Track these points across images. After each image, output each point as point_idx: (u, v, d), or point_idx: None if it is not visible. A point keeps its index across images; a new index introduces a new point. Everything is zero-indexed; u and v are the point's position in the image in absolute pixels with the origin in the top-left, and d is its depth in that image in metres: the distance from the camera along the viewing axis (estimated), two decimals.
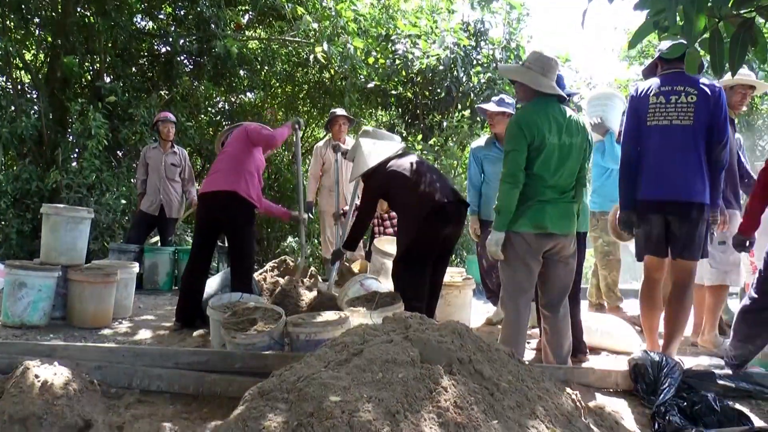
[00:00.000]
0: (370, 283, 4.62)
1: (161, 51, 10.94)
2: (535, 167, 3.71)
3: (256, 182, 5.05)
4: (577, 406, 2.63)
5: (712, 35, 2.47)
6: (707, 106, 3.93)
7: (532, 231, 3.72)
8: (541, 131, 3.67)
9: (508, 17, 10.81)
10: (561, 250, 3.84)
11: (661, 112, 4.07)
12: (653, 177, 4.11)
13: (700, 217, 3.96)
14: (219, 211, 4.89)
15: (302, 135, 14.29)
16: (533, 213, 3.71)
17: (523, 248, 3.76)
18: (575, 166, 3.83)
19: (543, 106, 3.77)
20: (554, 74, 3.85)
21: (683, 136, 3.98)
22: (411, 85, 10.58)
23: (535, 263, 3.80)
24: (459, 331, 2.62)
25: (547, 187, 3.72)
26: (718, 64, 2.51)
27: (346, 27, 9.51)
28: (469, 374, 2.39)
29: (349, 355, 2.48)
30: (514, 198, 3.70)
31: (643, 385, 3.63)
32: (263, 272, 5.48)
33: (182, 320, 4.96)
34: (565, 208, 3.80)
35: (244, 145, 5.08)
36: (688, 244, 4.00)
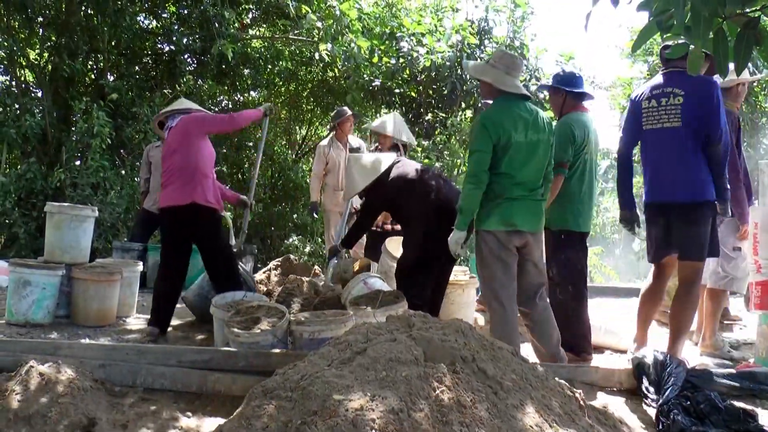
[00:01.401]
0: (374, 281, 4.62)
1: (165, 50, 10.96)
2: (503, 166, 3.74)
3: (210, 182, 4.80)
4: (580, 405, 2.63)
5: (716, 35, 2.46)
6: (694, 105, 3.94)
7: (503, 228, 3.76)
8: (506, 130, 3.70)
9: (512, 16, 10.80)
10: (530, 247, 3.89)
11: (653, 115, 4.11)
12: (653, 180, 4.18)
13: (701, 216, 3.95)
14: (184, 226, 4.72)
15: (306, 134, 14.34)
16: (502, 211, 3.76)
17: (496, 245, 3.80)
18: (543, 162, 3.87)
19: (508, 104, 3.81)
20: (518, 72, 3.89)
21: (674, 137, 4.02)
22: (415, 84, 10.57)
23: (510, 258, 3.84)
24: (463, 329, 2.62)
25: (516, 184, 3.75)
26: (723, 64, 2.50)
27: (351, 26, 9.51)
28: (473, 373, 2.39)
29: (352, 354, 2.48)
30: (476, 198, 3.75)
31: (646, 384, 3.61)
32: (266, 271, 5.49)
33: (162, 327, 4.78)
34: (534, 206, 3.85)
35: (188, 143, 4.73)
36: (689, 244, 4.00)
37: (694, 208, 3.96)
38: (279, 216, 12.24)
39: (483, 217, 3.83)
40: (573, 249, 4.33)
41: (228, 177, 12.85)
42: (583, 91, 4.47)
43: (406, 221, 4.65)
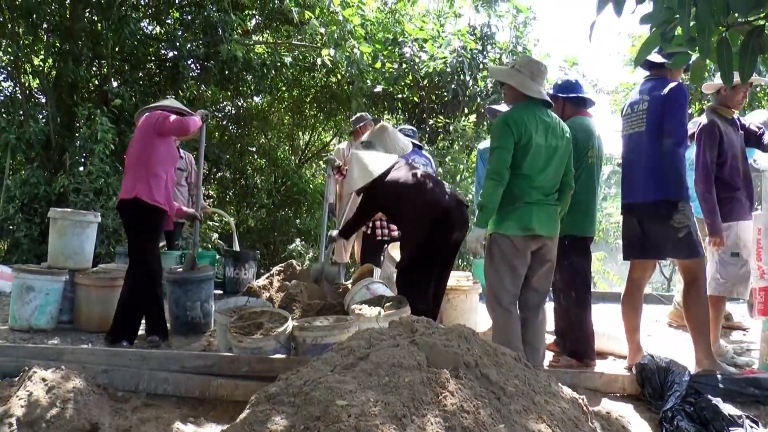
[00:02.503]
0: (376, 287, 4.62)
1: (168, 56, 10.99)
2: (523, 167, 3.74)
3: (163, 183, 4.74)
4: (583, 410, 2.62)
5: (719, 44, 2.46)
6: (656, 109, 4.01)
7: (520, 233, 3.75)
8: (528, 130, 3.71)
9: (514, 21, 10.82)
10: (545, 252, 3.89)
11: (628, 121, 4.25)
12: (623, 183, 4.31)
13: (666, 213, 3.97)
14: (125, 218, 4.75)
15: (309, 139, 14.37)
16: (520, 215, 3.75)
17: (510, 250, 3.79)
18: (560, 168, 3.89)
19: (531, 108, 3.82)
20: (543, 79, 3.92)
21: (638, 141, 4.14)
22: (417, 89, 10.59)
23: (521, 265, 3.83)
24: (465, 335, 2.61)
25: (534, 188, 3.76)
26: (728, 73, 2.50)
27: (353, 32, 9.54)
28: (476, 378, 2.39)
29: (355, 359, 2.48)
30: (498, 195, 3.73)
31: (649, 390, 3.62)
32: (269, 276, 5.48)
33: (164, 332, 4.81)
34: (551, 210, 3.85)
35: (149, 140, 4.74)
36: (663, 242, 4.04)
37: (659, 206, 4.01)
38: (282, 221, 12.26)
39: (499, 221, 3.81)
40: (577, 255, 4.33)
41: (231, 182, 12.89)
42: (581, 96, 4.49)
43: (401, 224, 4.67)
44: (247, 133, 12.88)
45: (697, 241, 4.04)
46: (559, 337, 4.48)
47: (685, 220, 3.97)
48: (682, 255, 4.07)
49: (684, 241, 3.98)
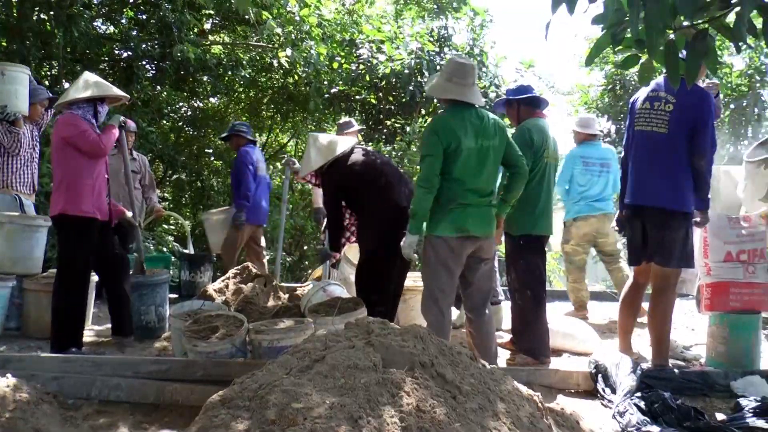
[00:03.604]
0: (333, 289, 4.61)
1: (122, 56, 10.78)
2: (454, 172, 3.76)
3: (90, 190, 4.47)
4: (539, 407, 2.65)
5: (667, 47, 2.53)
6: (683, 115, 3.91)
7: (454, 234, 3.77)
8: (456, 136, 3.71)
9: (471, 23, 10.90)
10: (482, 253, 3.91)
11: (645, 117, 4.09)
12: (632, 182, 4.18)
13: (675, 224, 3.96)
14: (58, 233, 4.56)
15: (266, 141, 14.26)
16: (454, 217, 3.76)
17: (445, 252, 3.81)
18: (495, 168, 3.91)
19: (458, 111, 3.82)
20: (466, 78, 3.85)
21: (659, 143, 4.00)
22: (375, 90, 10.60)
23: (456, 267, 3.86)
24: (421, 335, 2.63)
25: (467, 190, 3.77)
26: (674, 75, 2.57)
27: (310, 32, 9.50)
28: (432, 378, 2.40)
29: (311, 362, 2.47)
30: (428, 202, 3.76)
31: (603, 386, 3.70)
32: (225, 279, 5.42)
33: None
34: (486, 212, 3.87)
35: (67, 150, 4.43)
36: (659, 249, 4.02)
37: (669, 215, 3.97)
38: None
39: (434, 223, 3.83)
40: (532, 253, 4.39)
41: (187, 185, 12.70)
42: (535, 96, 4.56)
43: (361, 211, 4.62)
44: (203, 135, 12.72)
45: (692, 251, 4.10)
46: (515, 336, 4.52)
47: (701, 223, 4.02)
48: (670, 263, 4.03)
49: (678, 249, 4.00)
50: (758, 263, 4.36)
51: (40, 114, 5.88)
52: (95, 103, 4.58)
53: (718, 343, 4.29)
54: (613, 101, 11.02)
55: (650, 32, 2.39)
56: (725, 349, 4.25)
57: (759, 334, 4.39)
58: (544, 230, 4.43)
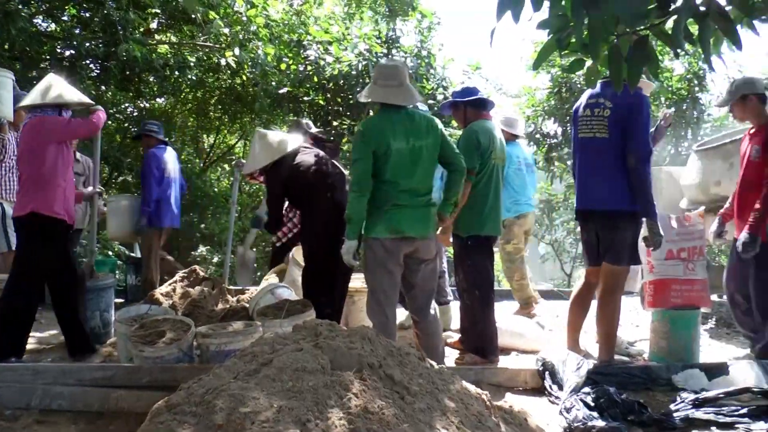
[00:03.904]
0: (281, 291, 4.59)
1: (65, 54, 10.48)
2: (386, 173, 3.78)
3: (62, 192, 4.46)
4: (487, 405, 2.69)
5: (610, 52, 2.58)
6: (620, 118, 3.98)
7: (389, 236, 3.78)
8: (384, 138, 3.73)
9: (419, 25, 10.95)
10: (421, 254, 3.91)
11: (587, 123, 4.17)
12: (580, 188, 4.30)
13: (623, 224, 4.04)
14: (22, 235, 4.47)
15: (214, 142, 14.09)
16: (389, 218, 3.78)
17: (382, 253, 3.82)
18: (429, 168, 3.91)
19: (387, 113, 3.84)
20: (392, 79, 3.86)
21: (601, 148, 4.07)
22: (323, 92, 10.56)
23: (396, 268, 3.86)
24: (369, 336, 2.63)
25: (401, 192, 3.78)
26: (617, 79, 2.63)
27: (258, 33, 9.41)
28: (380, 379, 2.41)
29: (258, 365, 2.45)
30: (361, 206, 3.77)
31: (550, 383, 3.77)
32: (172, 283, 5.34)
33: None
34: (422, 212, 3.87)
35: (42, 148, 4.38)
36: (610, 249, 4.10)
37: (617, 216, 4.05)
38: (186, 226, 11.95)
39: (370, 225, 3.85)
40: (480, 254, 4.43)
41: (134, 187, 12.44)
42: (482, 99, 4.60)
43: (306, 211, 4.62)
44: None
45: (638, 248, 4.17)
46: (464, 335, 4.57)
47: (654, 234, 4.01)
48: (618, 262, 4.11)
49: (626, 248, 4.08)
50: (697, 260, 4.51)
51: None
52: (60, 108, 4.53)
53: (661, 339, 4.41)
54: (559, 104, 11.19)
55: (593, 38, 2.44)
56: (667, 344, 4.37)
57: (698, 329, 4.54)
58: (492, 231, 4.48)
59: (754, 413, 3.33)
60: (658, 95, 11.23)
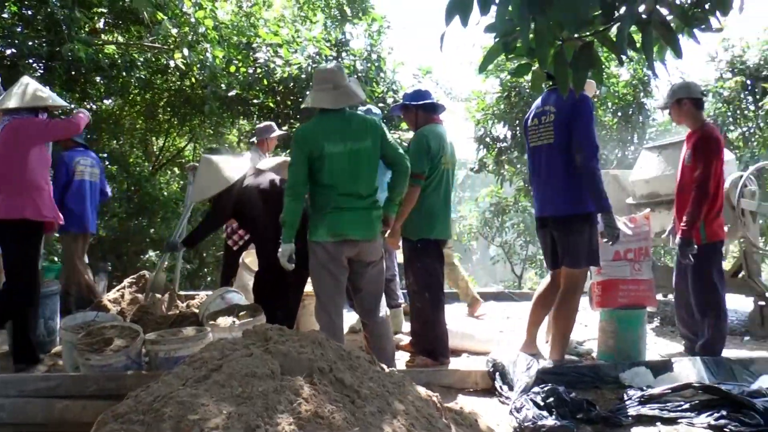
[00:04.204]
0: (231, 296, 4.54)
1: (6, 53, 10.17)
2: (324, 178, 3.79)
3: (46, 194, 4.48)
4: (437, 407, 2.70)
5: (556, 56, 2.63)
6: (564, 122, 4.06)
7: (331, 239, 3.79)
8: (317, 143, 3.74)
9: (369, 29, 10.97)
10: (365, 256, 3.92)
11: (535, 133, 4.27)
12: (535, 196, 4.39)
13: (577, 227, 4.10)
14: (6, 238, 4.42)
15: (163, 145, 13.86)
16: (330, 221, 3.78)
17: (324, 257, 3.83)
18: (370, 170, 3.90)
19: (323, 117, 3.85)
20: (324, 83, 3.88)
21: (550, 154, 4.16)
22: (272, 95, 10.49)
23: (339, 271, 3.87)
24: (320, 340, 2.62)
25: (341, 195, 3.79)
26: (563, 84, 2.68)
27: (207, 34, 9.30)
28: (330, 383, 2.40)
29: (208, 371, 2.42)
30: (295, 210, 3.80)
31: (500, 383, 3.82)
32: (120, 289, 5.23)
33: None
34: (364, 214, 3.86)
35: (23, 151, 4.35)
36: (568, 252, 4.17)
37: (571, 220, 4.12)
38: (135, 231, 11.73)
39: (312, 229, 3.85)
40: (429, 257, 4.45)
41: None
42: (434, 103, 4.62)
43: (255, 230, 4.60)
44: (96, 138, 12.20)
45: (597, 250, 4.23)
46: (415, 338, 4.58)
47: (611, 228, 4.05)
48: (577, 264, 4.18)
49: (584, 251, 4.13)
50: (643, 261, 4.62)
51: None
52: (36, 111, 4.50)
53: (608, 338, 4.52)
54: (508, 108, 11.34)
55: (539, 43, 2.48)
56: (614, 343, 4.48)
57: (644, 327, 4.67)
58: (442, 234, 4.50)
59: (696, 407, 3.44)
60: (605, 100, 11.49)
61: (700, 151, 4.47)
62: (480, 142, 12.03)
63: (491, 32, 2.75)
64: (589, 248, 4.15)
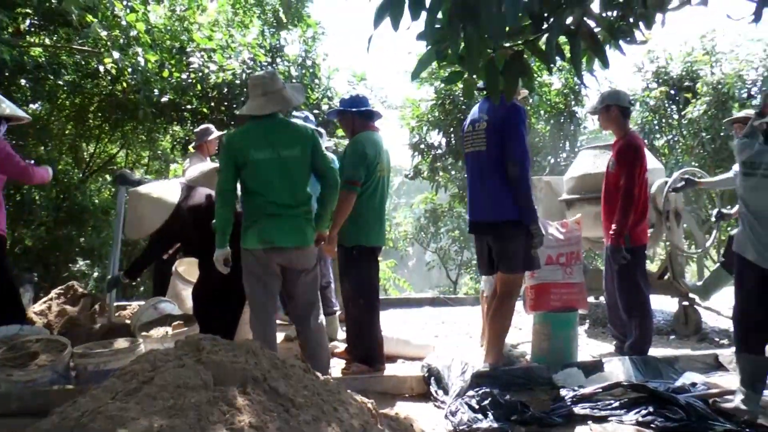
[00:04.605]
0: (164, 306, 4.45)
1: None
2: (251, 185, 3.79)
3: (3, 209, 4.52)
4: (372, 414, 2.71)
5: (487, 65, 2.68)
6: (495, 129, 4.11)
7: (260, 247, 3.77)
8: (244, 150, 3.73)
9: (304, 35, 10.94)
10: (297, 264, 3.89)
11: (469, 139, 4.31)
12: (469, 201, 4.41)
13: (511, 233, 4.13)
14: None
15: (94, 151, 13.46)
16: (259, 229, 3.77)
17: (254, 264, 3.82)
18: (301, 177, 3.88)
19: (253, 124, 3.83)
20: (255, 90, 3.89)
21: (483, 160, 4.20)
22: (207, 100, 10.33)
23: (269, 278, 3.85)
24: (254, 349, 2.59)
25: (270, 202, 3.77)
26: (494, 92, 2.73)
27: (139, 38, 9.08)
28: (264, 392, 2.38)
29: (138, 384, 2.36)
30: (225, 216, 3.78)
31: (436, 388, 3.85)
32: (47, 300, 5.06)
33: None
34: (294, 222, 3.84)
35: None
36: (503, 258, 4.21)
37: (505, 226, 4.14)
38: (64, 240, 11.34)
39: (243, 237, 3.83)
40: (365, 264, 4.46)
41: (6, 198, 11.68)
42: (370, 110, 4.64)
43: (200, 249, 4.49)
44: (23, 144, 11.74)
45: (535, 255, 4.26)
46: (350, 345, 4.59)
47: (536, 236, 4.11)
48: (512, 269, 4.21)
49: (518, 256, 4.17)
50: (574, 265, 4.73)
51: None
52: None
53: (542, 340, 4.62)
54: (443, 115, 11.49)
55: (470, 51, 2.52)
56: (548, 345, 4.58)
57: (576, 329, 4.79)
58: (377, 241, 4.52)
59: (625, 405, 3.57)
60: (537, 108, 11.76)
61: (623, 160, 4.64)
62: (415, 149, 12.15)
63: (422, 40, 2.79)
64: (525, 253, 4.20)
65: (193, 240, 4.52)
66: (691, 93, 11.65)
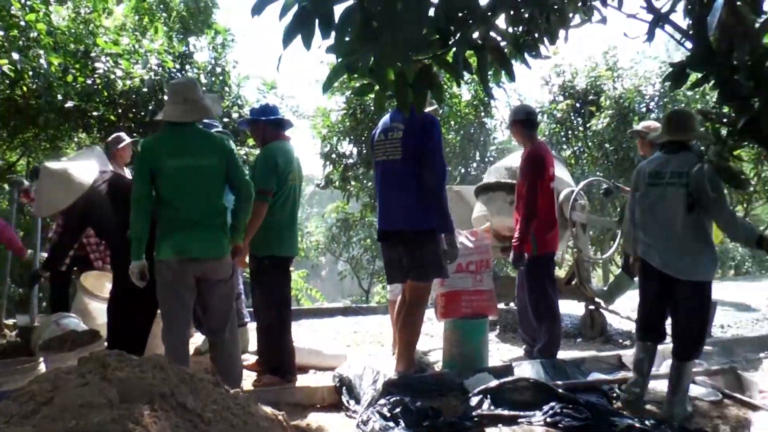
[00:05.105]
0: (67, 322, 4.26)
1: None
2: (165, 193, 3.71)
3: None
4: (283, 426, 2.69)
5: (397, 78, 2.72)
6: (412, 139, 4.17)
7: (174, 257, 3.69)
8: (157, 157, 3.67)
9: (213, 42, 10.76)
10: (212, 275, 3.82)
11: (381, 148, 4.34)
12: (380, 209, 4.43)
13: (423, 241, 4.19)
14: None
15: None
16: (173, 239, 3.69)
17: (169, 276, 3.72)
18: (216, 187, 3.82)
19: (169, 131, 3.78)
20: (172, 97, 3.86)
21: (396, 169, 4.24)
22: (113, 107, 9.98)
23: (184, 290, 3.76)
24: (161, 364, 2.52)
25: (185, 211, 3.70)
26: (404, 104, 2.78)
27: (40, 40, 8.67)
28: (172, 408, 2.32)
29: (37, 405, 2.24)
30: (140, 223, 3.67)
31: (347, 398, 3.86)
32: None
33: None
34: (209, 233, 3.77)
35: None
36: (413, 266, 4.25)
37: (416, 235, 4.20)
38: None
39: (157, 248, 3.73)
40: (277, 274, 4.42)
41: None
42: (281, 119, 4.61)
43: (108, 237, 4.36)
44: None
45: (443, 262, 4.29)
46: (261, 357, 4.54)
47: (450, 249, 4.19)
48: (423, 278, 4.28)
49: (430, 264, 4.23)
50: (484, 272, 4.85)
51: None
52: None
53: (453, 346, 4.70)
54: (354, 125, 11.56)
55: (379, 65, 2.56)
56: (459, 351, 4.66)
57: (486, 335, 4.91)
58: (289, 251, 4.49)
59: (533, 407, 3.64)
60: (447, 119, 12.00)
61: (526, 170, 4.83)
62: (326, 158, 12.15)
63: (332, 53, 2.81)
64: (436, 261, 4.26)
65: (110, 227, 4.29)
66: (595, 106, 12.24)
